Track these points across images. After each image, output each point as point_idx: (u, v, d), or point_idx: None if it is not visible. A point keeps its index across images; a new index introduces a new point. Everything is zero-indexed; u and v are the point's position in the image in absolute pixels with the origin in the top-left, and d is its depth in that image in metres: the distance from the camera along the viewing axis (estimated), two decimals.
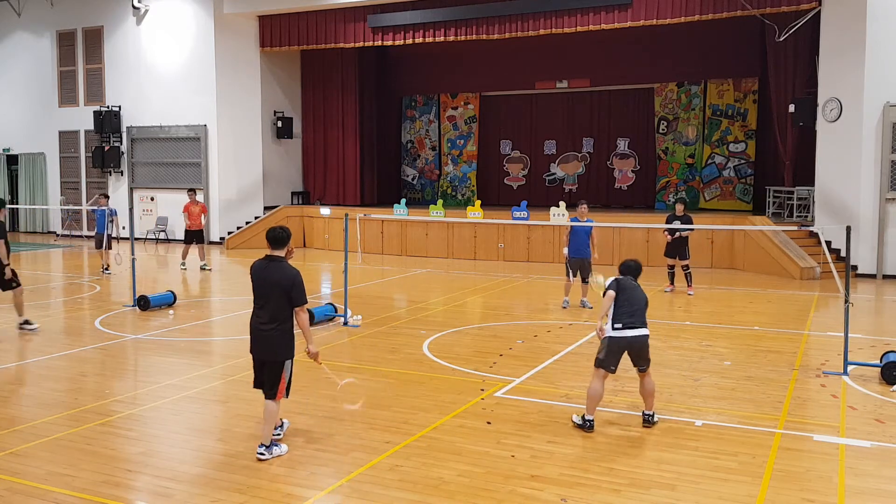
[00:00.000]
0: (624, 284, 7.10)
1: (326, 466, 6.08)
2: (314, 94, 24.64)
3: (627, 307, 6.95)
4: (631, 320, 6.91)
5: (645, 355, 6.97)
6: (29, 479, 5.77)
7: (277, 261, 6.31)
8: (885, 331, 11.35)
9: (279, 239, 6.36)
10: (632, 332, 6.89)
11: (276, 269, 6.26)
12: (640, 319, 6.97)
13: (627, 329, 6.87)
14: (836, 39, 16.69)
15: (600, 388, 6.84)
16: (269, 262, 6.32)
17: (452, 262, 19.62)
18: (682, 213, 14.36)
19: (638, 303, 7.01)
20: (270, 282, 6.23)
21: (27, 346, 10.15)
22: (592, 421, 6.80)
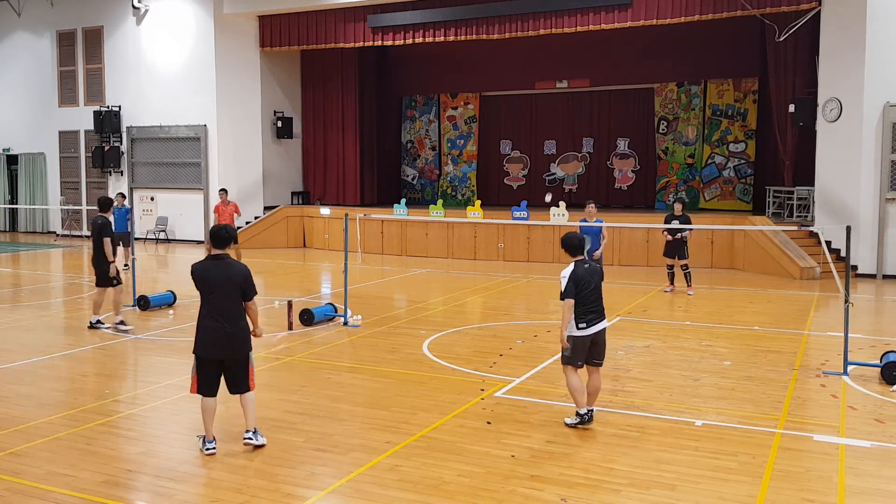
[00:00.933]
0: (579, 277, 6.90)
1: (326, 466, 6.08)
2: (314, 94, 24.64)
3: (588, 303, 6.88)
4: (593, 316, 6.90)
5: (603, 349, 7.01)
6: (29, 479, 5.77)
7: (223, 258, 6.43)
8: (885, 331, 11.35)
9: (223, 238, 6.45)
10: (595, 327, 6.90)
11: (224, 266, 6.39)
12: (600, 311, 6.97)
13: (591, 326, 6.87)
14: (836, 39, 16.69)
15: (577, 380, 6.84)
16: (216, 261, 6.42)
17: (452, 262, 19.62)
18: (680, 212, 14.36)
19: (595, 292, 6.93)
20: (222, 279, 6.34)
21: (27, 347, 10.14)
22: (586, 413, 6.82)
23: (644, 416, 7.19)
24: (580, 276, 6.87)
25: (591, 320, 6.87)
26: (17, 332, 11.11)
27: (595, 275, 6.99)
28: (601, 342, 6.96)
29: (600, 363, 7.02)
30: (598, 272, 7.07)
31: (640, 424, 6.94)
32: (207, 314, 6.40)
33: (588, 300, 6.87)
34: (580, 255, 7.00)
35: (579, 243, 7.05)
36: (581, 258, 6.99)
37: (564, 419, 6.95)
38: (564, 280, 6.83)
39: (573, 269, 6.87)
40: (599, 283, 7.02)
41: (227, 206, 17.62)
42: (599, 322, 6.92)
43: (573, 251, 7.02)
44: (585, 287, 6.86)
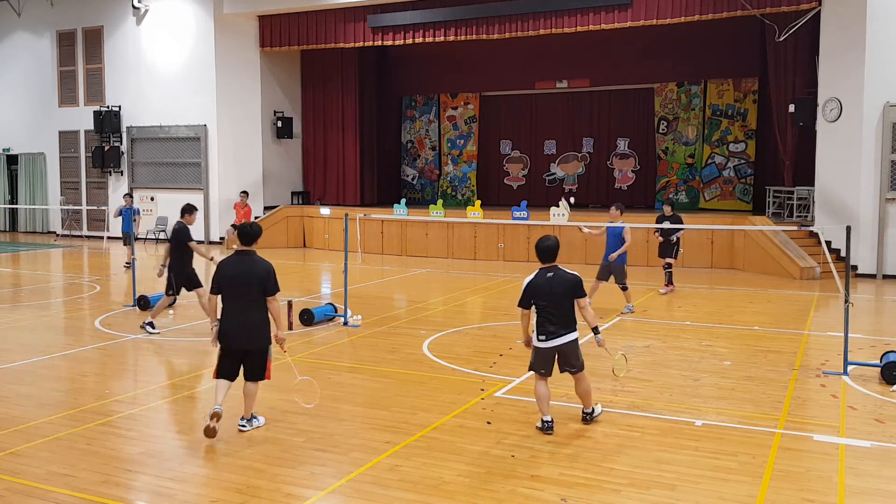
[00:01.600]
0: (535, 287, 6.67)
1: (326, 466, 6.08)
2: (314, 94, 24.63)
3: (545, 314, 6.62)
4: (553, 328, 6.61)
5: (571, 360, 6.72)
6: (29, 479, 5.77)
7: (249, 254, 6.77)
8: (885, 331, 11.35)
9: (249, 234, 6.81)
10: (554, 341, 6.64)
11: (249, 262, 6.72)
12: (563, 323, 6.62)
13: (551, 339, 6.64)
14: (836, 39, 16.69)
15: (543, 389, 6.72)
16: (241, 257, 6.75)
17: (452, 262, 19.62)
18: (670, 213, 14.37)
19: (557, 304, 6.61)
20: (245, 274, 6.65)
21: (27, 347, 10.14)
22: (548, 422, 6.66)
23: (644, 416, 7.19)
24: (537, 285, 6.67)
25: (550, 333, 6.62)
26: (17, 332, 11.11)
27: (559, 285, 6.64)
28: (569, 352, 6.69)
29: (574, 370, 6.78)
30: (563, 283, 6.66)
31: (640, 424, 6.94)
32: (229, 307, 6.69)
33: (545, 311, 6.62)
34: (547, 262, 6.71)
35: (546, 249, 6.72)
36: (547, 266, 6.71)
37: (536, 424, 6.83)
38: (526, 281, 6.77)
39: (531, 278, 6.71)
40: (563, 294, 6.64)
41: (243, 207, 17.92)
42: (561, 336, 6.62)
43: (540, 257, 6.76)
44: (542, 297, 6.62)
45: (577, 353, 6.74)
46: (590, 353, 9.62)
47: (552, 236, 6.86)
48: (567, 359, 6.72)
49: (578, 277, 6.73)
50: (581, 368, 6.80)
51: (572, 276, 6.74)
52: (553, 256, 6.74)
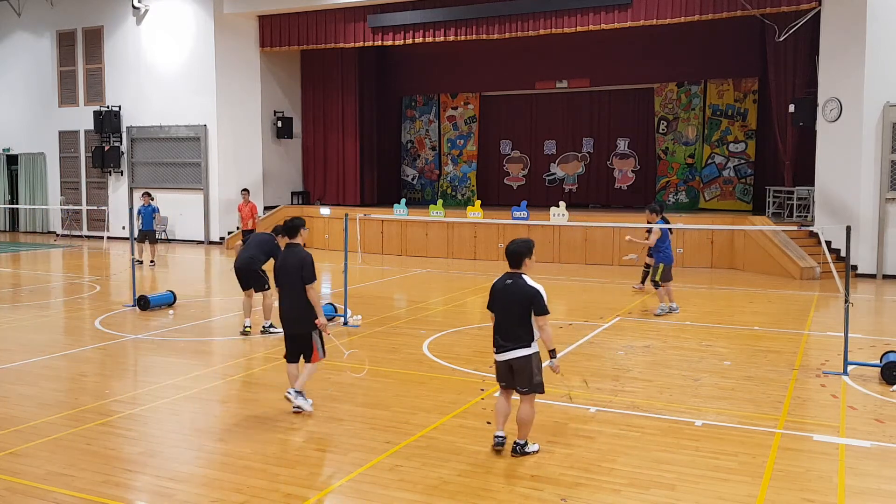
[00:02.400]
0: (493, 291, 6.25)
1: (326, 466, 6.08)
2: (314, 94, 24.64)
3: (498, 323, 6.19)
4: (501, 341, 6.14)
5: (522, 378, 6.08)
6: (29, 479, 5.77)
7: (294, 247, 7.38)
8: (885, 331, 11.34)
9: (289, 228, 7.47)
10: (501, 356, 6.16)
11: (291, 254, 7.32)
12: (511, 338, 6.07)
13: (498, 353, 6.19)
14: (836, 39, 16.69)
15: (500, 402, 6.34)
16: (287, 250, 7.42)
17: (452, 262, 19.62)
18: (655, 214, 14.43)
19: (509, 315, 6.09)
20: (287, 265, 7.26)
21: (27, 347, 10.14)
22: (499, 437, 6.19)
23: (644, 416, 7.19)
24: (494, 290, 6.27)
25: (499, 346, 6.15)
26: (17, 332, 11.11)
27: (515, 295, 6.08)
28: (520, 370, 6.08)
29: (524, 390, 6.12)
30: (519, 294, 6.08)
31: (640, 424, 6.94)
32: (281, 296, 7.38)
33: (497, 320, 6.18)
34: (513, 268, 6.21)
35: (511, 253, 6.22)
36: (511, 272, 6.22)
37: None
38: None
39: (495, 281, 6.33)
40: (518, 306, 6.06)
41: (247, 205, 17.93)
42: (508, 351, 6.08)
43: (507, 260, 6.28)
44: (497, 304, 6.20)
45: (529, 372, 6.06)
46: (590, 353, 9.66)
47: (526, 239, 6.34)
48: (518, 375, 6.10)
49: (536, 291, 6.02)
50: (533, 391, 6.10)
51: (531, 288, 6.05)
52: (518, 262, 6.18)
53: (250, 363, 9.36)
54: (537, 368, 6.10)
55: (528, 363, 6.06)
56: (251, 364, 9.30)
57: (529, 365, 6.06)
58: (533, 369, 6.07)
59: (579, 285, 15.72)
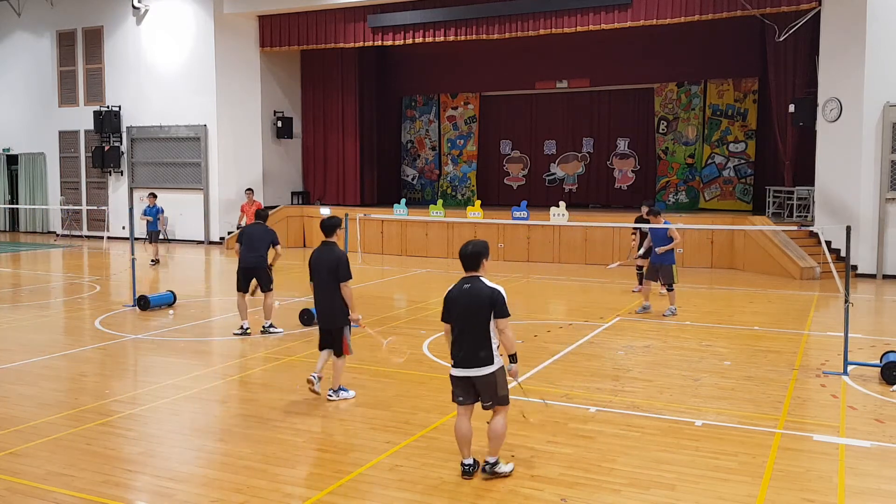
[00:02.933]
0: (451, 299, 5.68)
1: (326, 466, 6.08)
2: (314, 94, 24.63)
3: (457, 334, 5.65)
4: (460, 355, 5.64)
5: (487, 393, 5.64)
6: (29, 479, 5.77)
7: (329, 245, 7.76)
8: (885, 331, 11.34)
9: (326, 227, 7.91)
10: (459, 371, 5.67)
11: (327, 252, 7.68)
12: (473, 351, 5.56)
13: (456, 368, 5.69)
14: (836, 39, 16.68)
15: (459, 424, 5.72)
16: (323, 248, 7.74)
17: (452, 262, 19.60)
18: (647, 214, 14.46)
19: (469, 323, 5.56)
20: (322, 263, 7.62)
21: (27, 347, 10.14)
22: (467, 465, 5.69)
23: (644, 416, 7.19)
24: (451, 297, 5.72)
25: (459, 360, 5.64)
26: (17, 332, 11.11)
27: (474, 299, 5.59)
28: (484, 387, 5.63)
29: (488, 405, 5.67)
30: (478, 297, 5.59)
31: (640, 424, 6.94)
32: (315, 292, 7.72)
33: (457, 331, 5.65)
34: (469, 271, 5.75)
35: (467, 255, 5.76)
36: (468, 275, 5.74)
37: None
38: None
39: (450, 288, 5.79)
40: (478, 311, 5.57)
41: (251, 205, 17.71)
42: (470, 368, 5.59)
43: (462, 263, 5.80)
44: (455, 313, 5.66)
45: (493, 387, 5.63)
46: (590, 353, 9.66)
47: (480, 241, 5.88)
48: (482, 390, 5.67)
49: (498, 292, 5.60)
50: (498, 403, 5.67)
51: (491, 289, 5.61)
52: (475, 264, 5.72)
53: (250, 363, 9.36)
54: (501, 381, 5.66)
55: (493, 379, 5.61)
56: (251, 364, 9.30)
57: (494, 381, 5.61)
58: (497, 383, 5.62)
59: (579, 285, 15.72)
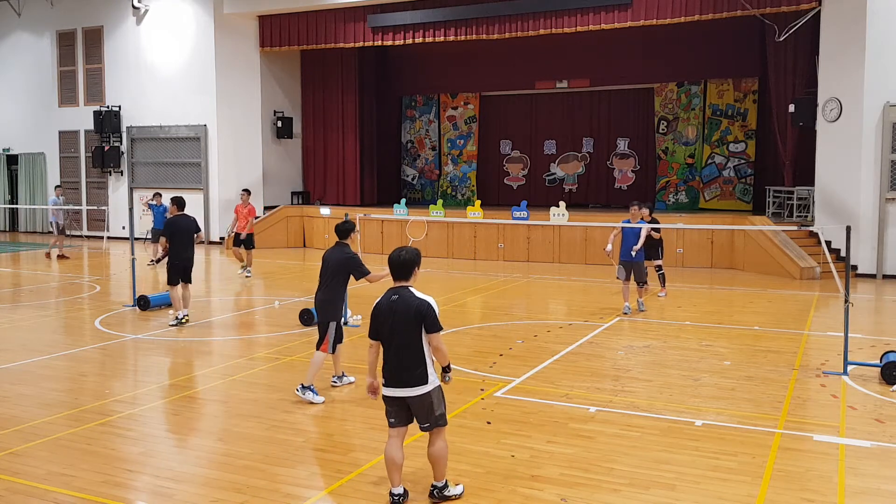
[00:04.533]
0: (376, 314, 5.25)
1: (326, 466, 6.08)
2: (314, 94, 24.64)
3: (385, 352, 5.24)
4: (388, 370, 5.20)
5: (421, 414, 5.22)
6: (29, 479, 5.77)
7: (342, 246, 8.05)
8: (885, 331, 11.34)
9: (341, 231, 8.16)
10: (391, 390, 5.21)
11: (339, 252, 7.96)
12: (404, 369, 5.13)
13: (387, 387, 5.24)
14: (836, 39, 16.69)
15: (389, 449, 5.29)
16: (335, 248, 8.04)
17: (452, 262, 19.62)
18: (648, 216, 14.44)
19: (397, 338, 5.14)
20: (332, 262, 7.90)
21: (27, 347, 10.14)
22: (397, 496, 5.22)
23: (644, 416, 7.19)
24: (378, 310, 5.26)
25: (390, 378, 5.18)
26: (17, 332, 11.11)
27: (402, 311, 5.12)
28: (418, 407, 5.21)
29: (425, 426, 5.25)
30: (406, 310, 5.13)
31: (640, 424, 6.94)
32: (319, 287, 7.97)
33: (385, 349, 5.23)
34: (399, 281, 5.28)
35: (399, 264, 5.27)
36: (396, 286, 5.28)
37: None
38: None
39: (378, 300, 5.33)
40: (405, 325, 5.12)
41: (245, 206, 17.05)
42: (402, 387, 5.15)
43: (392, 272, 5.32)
44: (383, 326, 5.22)
45: (429, 407, 5.22)
46: (590, 353, 9.66)
47: (412, 249, 5.38)
48: (417, 414, 5.27)
49: (427, 304, 5.13)
50: (436, 424, 5.24)
51: (420, 301, 5.13)
52: (406, 274, 5.26)
53: (250, 363, 9.35)
54: (437, 400, 5.24)
55: (429, 399, 5.19)
56: (251, 364, 9.30)
57: (429, 400, 5.19)
58: (433, 403, 5.21)
59: (579, 285, 15.72)
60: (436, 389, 5.23)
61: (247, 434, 6.74)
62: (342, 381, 8.19)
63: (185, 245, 11.60)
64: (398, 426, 5.29)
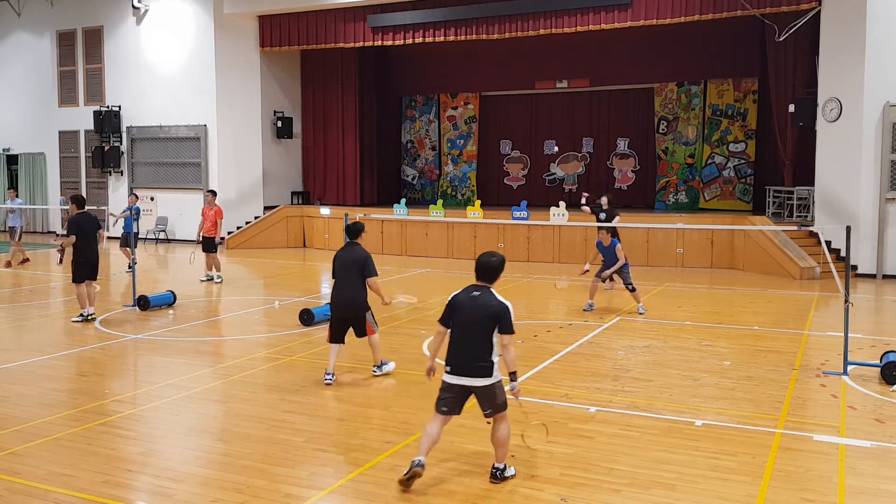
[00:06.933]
0: (454, 305, 5.73)
1: (326, 466, 6.08)
2: (314, 94, 24.64)
3: (455, 343, 5.65)
4: (458, 362, 5.58)
5: (487, 402, 5.63)
6: (29, 479, 5.77)
7: (354, 245, 8.46)
8: (885, 331, 11.35)
9: (351, 231, 8.50)
10: (455, 379, 5.60)
11: (351, 251, 8.39)
12: (468, 361, 5.55)
13: (453, 376, 5.61)
14: (836, 39, 16.68)
15: (431, 427, 5.66)
16: (348, 247, 8.43)
17: (452, 262, 19.62)
18: (607, 205, 14.68)
19: (465, 333, 5.60)
20: (348, 261, 8.33)
21: (27, 347, 10.15)
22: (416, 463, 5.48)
23: (644, 416, 7.19)
24: (456, 303, 5.75)
25: (457, 367, 5.59)
26: (17, 332, 11.11)
27: (480, 310, 5.60)
28: (484, 397, 5.63)
29: (488, 412, 5.65)
30: (485, 308, 5.61)
31: (640, 424, 6.94)
32: (337, 286, 8.37)
33: (455, 338, 5.66)
34: (482, 281, 5.81)
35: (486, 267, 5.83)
36: (479, 284, 5.81)
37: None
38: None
39: (457, 292, 5.85)
40: (481, 322, 5.58)
41: (212, 209, 16.14)
42: (469, 377, 5.56)
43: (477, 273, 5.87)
44: (459, 318, 5.67)
45: (493, 396, 5.64)
46: (590, 353, 9.66)
47: (500, 256, 5.93)
48: (483, 401, 5.68)
49: (506, 307, 5.62)
50: (498, 410, 5.65)
51: (500, 302, 5.64)
52: (491, 278, 5.79)
53: (250, 363, 9.35)
54: (500, 390, 5.67)
55: (492, 389, 5.61)
56: (251, 364, 9.30)
57: (493, 390, 5.62)
58: (496, 392, 5.64)
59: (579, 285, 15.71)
60: (498, 381, 5.69)
61: (247, 434, 6.74)
62: (382, 370, 8.60)
63: (90, 243, 11.75)
64: (448, 415, 5.72)
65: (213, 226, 16.10)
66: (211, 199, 16.38)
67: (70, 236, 11.61)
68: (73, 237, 11.62)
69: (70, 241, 11.58)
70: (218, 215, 16.20)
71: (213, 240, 16.09)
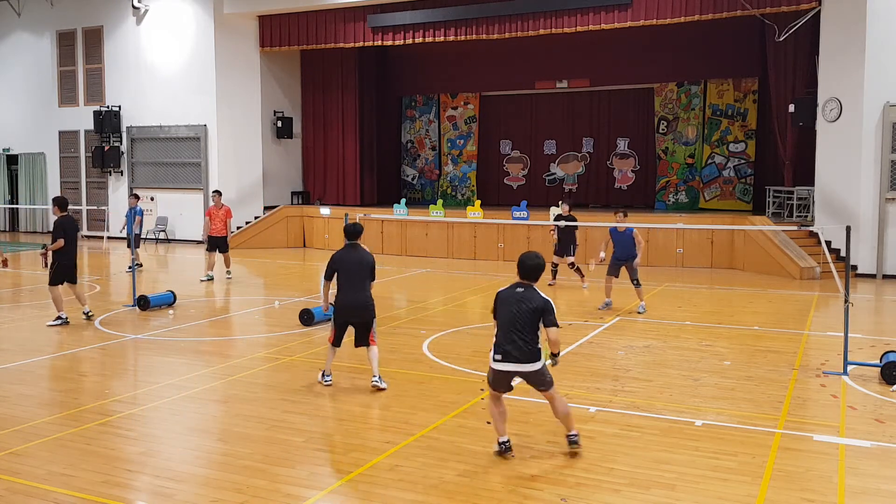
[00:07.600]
0: (500, 299, 6.33)
1: (326, 466, 6.08)
2: (314, 94, 24.64)
3: (503, 332, 6.17)
4: (508, 349, 6.11)
5: (536, 384, 6.23)
6: (29, 479, 5.77)
7: (356, 247, 8.23)
8: (885, 331, 11.35)
9: (351, 233, 8.27)
10: (502, 365, 6.15)
11: (356, 253, 8.17)
12: (515, 347, 6.07)
13: (503, 363, 6.14)
14: (836, 39, 16.68)
15: (493, 408, 6.27)
16: (350, 249, 8.18)
17: (452, 262, 19.62)
18: (567, 212, 15.01)
19: (512, 323, 6.13)
20: (355, 262, 8.10)
21: (27, 347, 10.14)
22: (504, 442, 6.20)
23: (644, 416, 7.19)
24: (502, 298, 6.33)
25: (505, 354, 6.12)
26: (17, 332, 11.11)
27: (527, 303, 6.16)
28: (533, 380, 6.21)
29: (544, 388, 6.23)
30: (532, 302, 6.16)
31: (640, 424, 6.94)
32: (344, 288, 8.10)
33: (503, 329, 6.18)
34: (526, 280, 6.35)
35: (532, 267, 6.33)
36: (523, 282, 6.34)
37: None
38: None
39: (502, 289, 6.42)
40: (524, 316, 6.13)
41: (219, 208, 16.27)
42: (514, 363, 6.09)
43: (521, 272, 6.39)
44: (505, 311, 6.22)
45: (542, 377, 6.20)
46: (590, 353, 9.66)
47: (541, 255, 6.47)
48: (534, 383, 6.26)
49: (549, 302, 6.20)
50: (549, 386, 6.22)
51: (543, 299, 6.22)
52: (534, 276, 6.34)
53: (250, 363, 9.36)
54: (545, 371, 6.23)
55: (541, 372, 6.17)
56: (251, 364, 9.30)
57: (542, 373, 6.18)
58: (544, 374, 6.20)
59: (579, 285, 15.71)
60: (544, 365, 6.23)
61: (247, 434, 6.74)
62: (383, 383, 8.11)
63: (75, 246, 11.65)
64: (504, 392, 6.31)
65: (223, 226, 16.30)
66: (217, 199, 16.49)
67: (58, 240, 11.30)
68: (61, 241, 11.28)
69: (58, 244, 11.26)
70: (228, 215, 16.45)
71: (225, 239, 16.33)
